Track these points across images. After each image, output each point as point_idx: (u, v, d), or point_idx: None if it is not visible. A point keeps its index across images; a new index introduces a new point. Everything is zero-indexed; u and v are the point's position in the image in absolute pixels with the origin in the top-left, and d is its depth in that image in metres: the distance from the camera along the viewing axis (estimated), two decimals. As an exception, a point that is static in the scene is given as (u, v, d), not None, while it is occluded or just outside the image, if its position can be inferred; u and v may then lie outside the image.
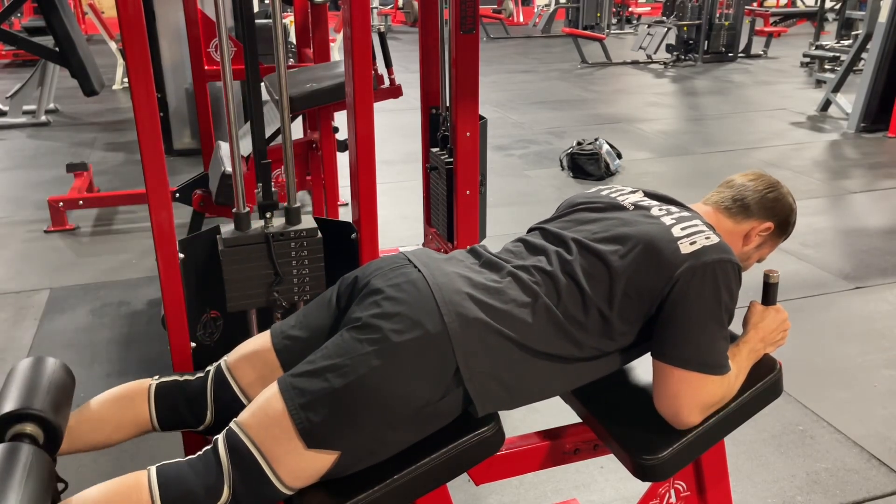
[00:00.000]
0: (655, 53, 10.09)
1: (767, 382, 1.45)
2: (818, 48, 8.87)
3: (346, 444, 1.24)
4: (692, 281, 1.32)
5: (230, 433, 1.27)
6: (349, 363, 1.24)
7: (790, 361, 1.76)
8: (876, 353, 2.83)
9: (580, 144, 5.15)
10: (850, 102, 6.48)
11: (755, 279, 1.59)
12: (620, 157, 5.24)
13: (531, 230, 1.58)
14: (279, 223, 1.85)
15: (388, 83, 3.40)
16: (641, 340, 1.40)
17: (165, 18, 5.17)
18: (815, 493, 2.09)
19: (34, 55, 5.28)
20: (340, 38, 7.97)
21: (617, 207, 1.51)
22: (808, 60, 9.39)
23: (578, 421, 1.55)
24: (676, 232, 1.38)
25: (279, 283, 1.82)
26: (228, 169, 2.97)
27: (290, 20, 5.80)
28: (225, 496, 1.22)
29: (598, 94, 8.17)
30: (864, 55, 6.50)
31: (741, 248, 1.54)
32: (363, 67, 1.74)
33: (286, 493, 1.25)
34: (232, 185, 1.82)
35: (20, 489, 1.14)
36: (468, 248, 1.52)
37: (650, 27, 10.24)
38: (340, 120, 2.90)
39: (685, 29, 10.02)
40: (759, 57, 10.63)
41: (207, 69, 3.78)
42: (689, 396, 1.33)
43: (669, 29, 9.89)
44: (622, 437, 1.41)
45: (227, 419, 1.33)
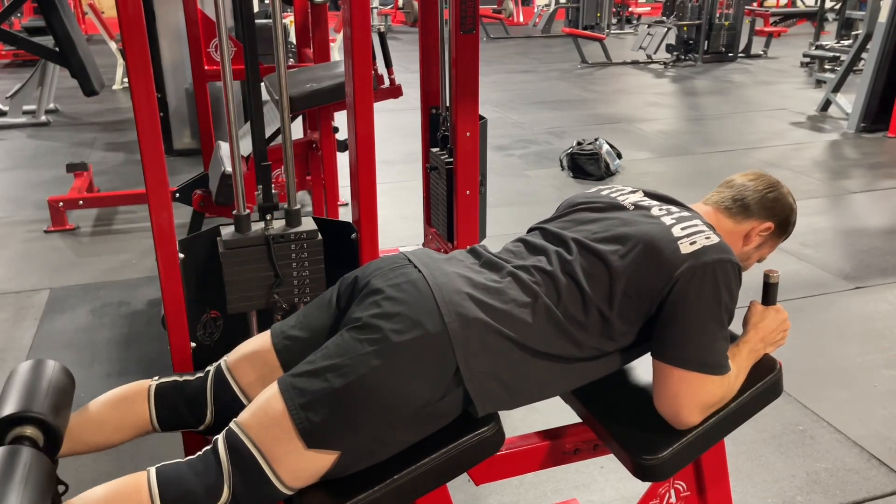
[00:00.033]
0: (655, 53, 10.09)
1: (767, 382, 1.45)
2: (818, 48, 8.87)
3: (346, 444, 1.24)
4: (692, 281, 1.32)
5: (230, 433, 1.27)
6: (349, 363, 1.24)
7: (790, 361, 1.76)
8: (876, 353, 2.83)
9: (580, 144, 5.15)
10: (850, 102, 6.48)
11: (755, 279, 1.59)
12: (620, 157, 5.24)
13: (531, 230, 1.58)
14: (279, 225, 1.85)
15: (388, 83, 3.40)
16: (641, 340, 1.40)
17: (165, 18, 5.17)
18: (815, 493, 2.09)
19: (34, 55, 5.28)
20: (340, 38, 7.97)
21: (617, 207, 1.51)
22: (808, 60, 9.39)
23: (578, 421, 1.55)
24: (676, 232, 1.38)
25: (279, 284, 1.82)
26: (228, 169, 2.97)
27: (290, 20, 5.80)
28: (225, 496, 1.22)
29: (598, 94, 8.17)
30: (864, 55, 6.50)
31: (741, 248, 1.54)
32: (363, 67, 1.74)
33: (286, 493, 1.25)
34: (232, 184, 1.82)
35: (20, 492, 1.14)
36: (468, 248, 1.52)
37: (650, 27, 10.24)
38: (340, 120, 2.90)
39: (685, 29, 10.02)
40: (759, 57, 10.63)
41: (207, 69, 3.78)
42: (689, 396, 1.33)
43: (669, 29, 9.89)
44: (622, 437, 1.41)
45: (227, 419, 1.33)
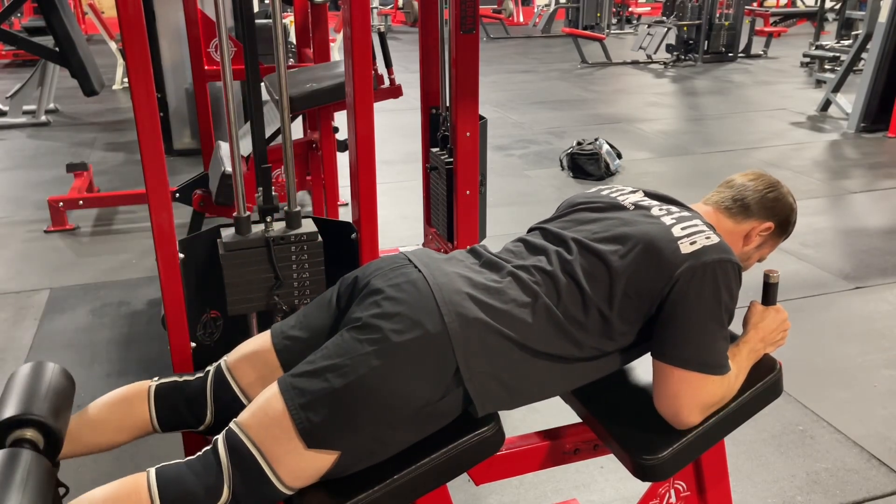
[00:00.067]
0: (655, 53, 10.09)
1: (767, 382, 1.45)
2: (818, 48, 8.87)
3: (346, 444, 1.24)
4: (692, 281, 1.32)
5: (230, 433, 1.27)
6: (349, 363, 1.24)
7: (790, 361, 1.76)
8: (876, 353, 2.83)
9: (580, 144, 5.15)
10: (850, 102, 6.48)
11: (755, 279, 1.59)
12: (620, 157, 5.24)
13: (531, 230, 1.58)
14: (279, 227, 1.85)
15: (388, 83, 3.40)
16: (641, 340, 1.40)
17: (165, 18, 5.17)
18: (815, 493, 2.09)
19: (34, 55, 5.28)
20: (340, 38, 7.97)
21: (617, 207, 1.51)
22: (808, 60, 9.39)
23: (578, 421, 1.55)
24: (676, 232, 1.38)
25: (279, 286, 1.82)
26: (228, 169, 2.97)
27: (290, 20, 5.80)
28: (225, 496, 1.22)
29: (598, 94, 8.17)
30: (864, 55, 6.50)
31: (741, 248, 1.54)
32: (363, 67, 1.74)
33: (286, 493, 1.25)
34: (232, 184, 1.82)
35: (20, 494, 1.14)
36: (468, 248, 1.52)
37: (650, 27, 10.24)
38: (340, 120, 2.90)
39: (685, 29, 10.02)
40: (759, 57, 10.62)
41: (207, 69, 3.78)
42: (689, 396, 1.33)
43: (669, 29, 9.89)
44: (622, 437, 1.41)
45: (227, 419, 1.33)
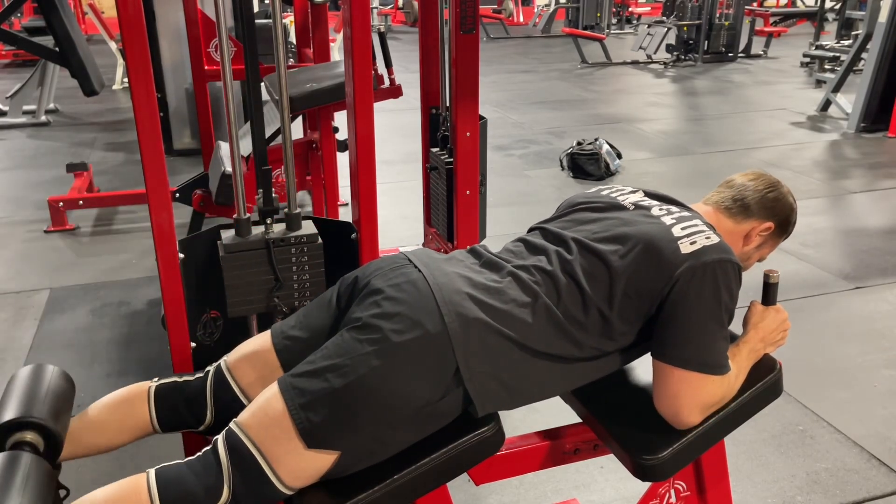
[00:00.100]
0: (655, 53, 10.09)
1: (767, 382, 1.45)
2: (818, 48, 8.87)
3: (346, 444, 1.24)
4: (692, 281, 1.32)
5: (230, 433, 1.27)
6: (349, 363, 1.24)
7: (790, 361, 1.76)
8: (876, 353, 2.83)
9: (580, 144, 5.15)
10: (850, 102, 6.48)
11: (755, 279, 1.59)
12: (620, 157, 5.24)
13: (531, 230, 1.58)
14: (279, 229, 1.85)
15: (388, 83, 3.40)
16: (641, 340, 1.40)
17: (165, 18, 5.17)
18: (815, 493, 2.09)
19: (34, 55, 5.28)
20: (340, 38, 7.97)
21: (617, 207, 1.50)
22: (808, 60, 9.39)
23: (578, 421, 1.55)
24: (676, 232, 1.38)
25: (280, 288, 1.82)
26: (228, 169, 2.97)
27: (290, 20, 5.80)
28: (225, 496, 1.22)
29: (598, 94, 8.17)
30: (864, 55, 6.50)
31: (741, 247, 1.54)
32: (363, 67, 1.74)
33: (286, 493, 1.25)
34: (232, 184, 1.82)
35: (20, 497, 1.14)
36: (468, 248, 1.52)
37: (650, 27, 10.23)
38: (340, 120, 2.90)
39: (685, 29, 10.02)
40: (759, 57, 10.62)
41: (207, 69, 3.78)
42: (689, 396, 1.33)
43: (669, 29, 9.89)
44: (622, 437, 1.41)
45: (227, 419, 1.32)
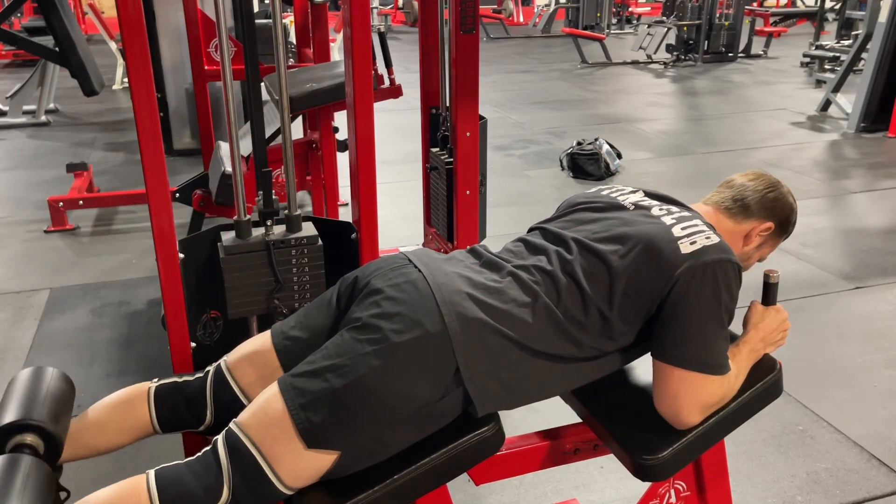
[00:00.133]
0: (655, 53, 10.09)
1: (767, 382, 1.45)
2: (818, 48, 8.87)
3: (346, 444, 1.24)
4: (692, 281, 1.32)
5: (230, 433, 1.27)
6: (349, 363, 1.24)
7: (790, 361, 1.76)
8: (876, 353, 2.83)
9: (580, 144, 5.15)
10: (850, 102, 6.48)
11: (755, 279, 1.59)
12: (620, 157, 5.24)
13: (531, 230, 1.58)
14: (280, 230, 1.85)
15: (388, 83, 3.40)
16: (641, 340, 1.40)
17: (165, 18, 5.17)
18: (815, 493, 2.09)
19: (34, 55, 5.28)
20: (340, 38, 7.97)
21: (617, 207, 1.50)
22: (808, 60, 9.39)
23: (578, 421, 1.55)
24: (677, 232, 1.38)
25: (280, 290, 1.82)
26: (228, 169, 2.97)
27: (290, 20, 5.80)
28: (224, 496, 1.22)
29: (598, 94, 8.17)
30: (864, 55, 6.50)
31: (741, 248, 1.54)
32: (363, 67, 1.74)
33: (286, 493, 1.25)
34: (232, 184, 1.82)
35: (19, 500, 1.14)
36: (468, 248, 1.52)
37: (650, 27, 10.24)
38: (340, 120, 2.90)
39: (685, 29, 10.02)
40: (759, 57, 10.62)
41: (207, 69, 3.78)
42: (689, 396, 1.33)
43: (669, 29, 9.89)
44: (622, 437, 1.41)
45: (226, 419, 1.32)
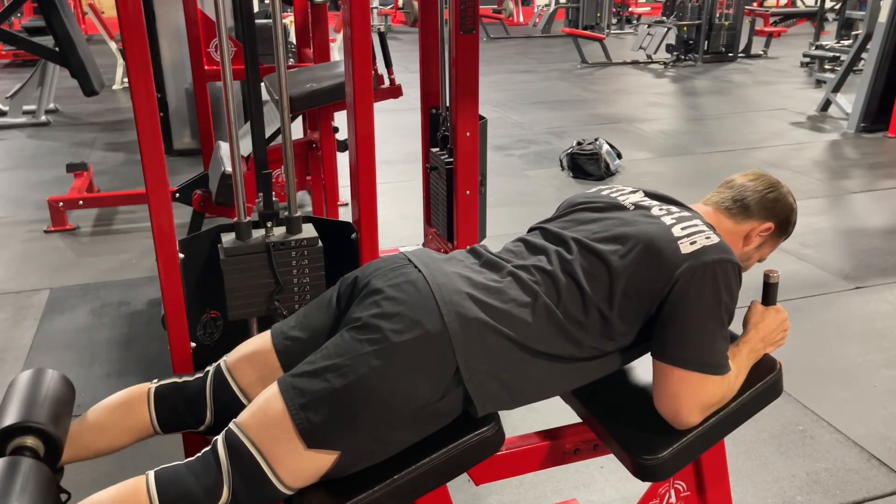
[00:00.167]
0: (655, 53, 10.09)
1: (767, 382, 1.45)
2: (818, 48, 8.87)
3: (346, 444, 1.24)
4: (692, 281, 1.32)
5: (229, 434, 1.27)
6: (349, 363, 1.24)
7: (790, 361, 1.76)
8: (876, 353, 2.83)
9: (580, 144, 5.15)
10: (850, 102, 6.48)
11: (755, 279, 1.59)
12: (620, 157, 5.24)
13: (531, 230, 1.58)
14: (280, 232, 1.85)
15: (388, 83, 3.40)
16: (641, 340, 1.40)
17: (165, 18, 5.17)
18: (815, 493, 2.09)
19: (34, 55, 5.28)
20: (340, 38, 7.97)
21: (617, 207, 1.50)
22: (808, 60, 9.39)
23: (578, 421, 1.55)
24: (676, 232, 1.38)
25: (280, 291, 1.82)
26: (228, 169, 2.97)
27: (290, 20, 5.80)
28: (224, 497, 1.22)
29: (598, 94, 8.17)
30: (864, 55, 6.50)
31: (741, 248, 1.54)
32: (363, 67, 1.74)
33: (286, 493, 1.25)
34: (232, 184, 1.82)
35: (19, 503, 1.14)
36: (468, 248, 1.52)
37: (650, 27, 10.23)
38: (340, 120, 2.90)
39: (685, 29, 10.02)
40: (759, 57, 10.62)
41: (207, 69, 3.78)
42: (689, 396, 1.33)
43: (669, 29, 9.89)
44: (622, 437, 1.41)
45: (226, 419, 1.32)
